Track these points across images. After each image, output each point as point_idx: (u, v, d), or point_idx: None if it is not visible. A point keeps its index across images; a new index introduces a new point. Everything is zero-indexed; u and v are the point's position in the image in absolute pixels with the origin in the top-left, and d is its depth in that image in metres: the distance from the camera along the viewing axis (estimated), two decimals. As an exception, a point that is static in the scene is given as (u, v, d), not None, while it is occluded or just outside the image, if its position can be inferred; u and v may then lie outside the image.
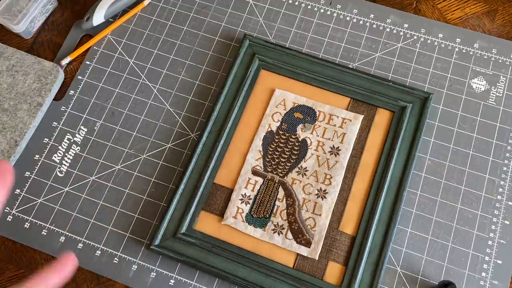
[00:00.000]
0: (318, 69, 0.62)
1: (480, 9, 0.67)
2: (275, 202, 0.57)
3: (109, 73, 0.65)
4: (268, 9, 0.67)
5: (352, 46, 0.65)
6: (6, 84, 0.63)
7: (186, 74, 0.65)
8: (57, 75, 0.64)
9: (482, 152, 0.59)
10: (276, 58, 0.62)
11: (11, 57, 0.65)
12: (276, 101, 0.61)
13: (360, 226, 0.55)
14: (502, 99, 0.61)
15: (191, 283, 0.55)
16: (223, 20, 0.67)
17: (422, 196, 0.57)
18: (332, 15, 0.67)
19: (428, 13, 0.67)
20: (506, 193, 0.57)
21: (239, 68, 0.62)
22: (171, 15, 0.68)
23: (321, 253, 0.55)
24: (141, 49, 0.66)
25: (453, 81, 0.62)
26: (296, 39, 0.66)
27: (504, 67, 0.63)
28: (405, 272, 0.55)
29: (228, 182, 0.58)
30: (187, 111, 0.63)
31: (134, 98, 0.64)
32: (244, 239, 0.56)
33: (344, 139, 0.59)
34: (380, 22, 0.66)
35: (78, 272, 0.56)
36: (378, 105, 0.60)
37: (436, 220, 0.56)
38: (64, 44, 0.68)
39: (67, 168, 0.61)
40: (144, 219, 0.58)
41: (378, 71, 0.63)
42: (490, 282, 0.54)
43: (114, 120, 0.63)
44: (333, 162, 0.58)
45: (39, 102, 0.62)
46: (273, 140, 0.59)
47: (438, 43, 0.64)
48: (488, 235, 0.55)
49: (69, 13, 0.70)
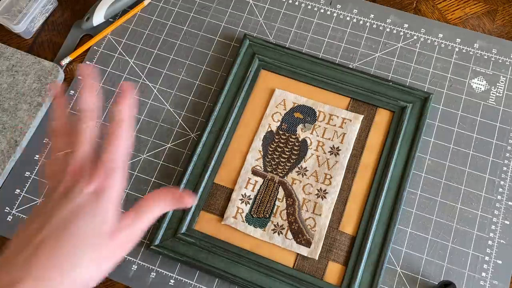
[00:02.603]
0: (318, 69, 0.62)
1: (480, 9, 0.67)
2: (275, 202, 0.57)
3: (109, 73, 0.65)
4: (268, 9, 0.67)
5: (352, 46, 0.65)
6: (6, 84, 0.63)
7: (186, 74, 0.65)
8: (57, 75, 0.64)
9: (482, 152, 0.59)
10: (276, 58, 0.62)
11: (11, 57, 0.65)
12: (276, 101, 0.61)
13: (360, 226, 0.55)
14: (502, 99, 0.61)
15: (191, 283, 0.55)
16: (223, 20, 0.67)
17: (422, 196, 0.57)
18: (332, 15, 0.67)
19: (428, 13, 0.67)
20: (506, 193, 0.57)
21: (239, 68, 0.62)
22: (171, 15, 0.68)
23: (321, 253, 0.55)
24: (141, 49, 0.66)
25: (453, 81, 0.62)
26: (296, 39, 0.66)
27: (504, 67, 0.63)
28: (405, 272, 0.55)
29: (228, 182, 0.58)
30: (187, 111, 0.63)
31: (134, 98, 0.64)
32: (244, 239, 0.56)
33: (344, 139, 0.59)
34: (380, 22, 0.66)
35: (78, 272, 0.56)
36: (378, 105, 0.60)
37: (436, 220, 0.56)
38: (64, 44, 0.68)
39: (67, 168, 0.60)
40: (144, 219, 0.58)
41: (378, 71, 0.63)
42: (490, 282, 0.54)
43: (114, 120, 0.63)
44: (333, 162, 0.58)
45: (39, 102, 0.62)
46: (273, 140, 0.59)
47: (438, 43, 0.64)
48: (488, 235, 0.55)
49: (69, 13, 0.70)
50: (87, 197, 0.34)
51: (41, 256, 0.32)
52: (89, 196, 0.35)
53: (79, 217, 0.34)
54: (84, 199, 0.34)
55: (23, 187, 0.60)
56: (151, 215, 0.37)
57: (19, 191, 0.60)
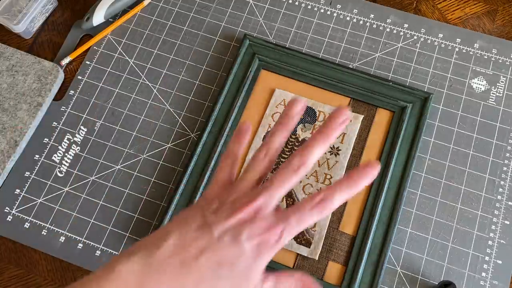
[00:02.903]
0: (318, 69, 0.62)
1: (480, 9, 0.67)
2: (275, 202, 0.57)
3: (109, 73, 0.65)
4: (268, 9, 0.67)
5: (352, 46, 0.65)
6: (6, 84, 0.63)
7: (186, 74, 0.65)
8: (57, 75, 0.64)
9: (482, 152, 0.59)
10: (276, 58, 0.62)
11: (11, 57, 0.65)
12: (276, 101, 0.61)
13: (360, 226, 0.55)
14: (502, 99, 0.61)
15: (191, 283, 0.55)
16: (223, 20, 0.67)
17: (422, 196, 0.57)
18: (332, 15, 0.67)
19: (428, 13, 0.67)
20: (506, 193, 0.57)
21: (239, 68, 0.62)
22: (171, 15, 0.68)
23: (321, 253, 0.54)
24: (141, 49, 0.66)
25: (453, 81, 0.62)
26: (296, 39, 0.66)
27: (504, 67, 0.63)
28: (405, 272, 0.55)
29: (228, 182, 0.58)
30: (187, 111, 0.63)
31: (134, 98, 0.64)
32: (244, 239, 0.55)
33: (344, 139, 0.59)
34: (380, 22, 0.66)
35: (77, 273, 0.56)
36: (378, 105, 0.60)
37: (436, 220, 0.56)
38: (64, 44, 0.68)
39: (67, 168, 0.61)
40: (144, 219, 0.58)
41: (378, 71, 0.63)
42: (490, 282, 0.54)
43: (114, 120, 0.63)
44: (333, 162, 0.58)
45: (39, 102, 0.62)
46: (273, 140, 0.59)
47: (438, 43, 0.64)
48: (488, 235, 0.55)
49: (69, 13, 0.70)
50: (250, 249, 0.30)
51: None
52: (253, 248, 0.30)
53: (225, 273, 0.29)
54: (246, 249, 0.30)
55: (23, 187, 0.60)
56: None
57: (19, 191, 0.60)
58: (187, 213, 0.32)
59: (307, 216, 0.32)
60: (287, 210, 0.32)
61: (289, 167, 0.33)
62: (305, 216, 0.32)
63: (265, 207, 0.31)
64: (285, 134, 0.35)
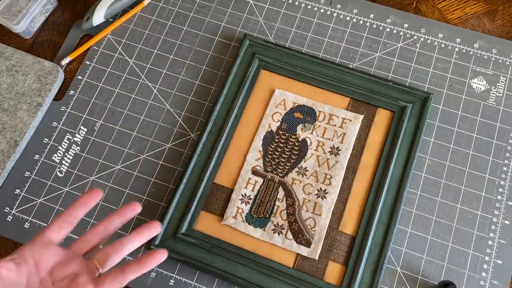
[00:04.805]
0: (318, 69, 0.62)
1: (480, 9, 0.67)
2: (275, 202, 0.57)
3: (109, 73, 0.65)
4: (268, 9, 0.67)
5: (352, 46, 0.65)
6: (6, 84, 0.63)
7: (186, 74, 0.65)
8: (57, 75, 0.64)
9: (482, 152, 0.59)
10: (276, 58, 0.62)
11: (11, 57, 0.65)
12: (276, 101, 0.61)
13: (360, 226, 0.55)
14: (502, 99, 0.61)
15: (191, 283, 0.55)
16: (223, 20, 0.67)
17: (422, 196, 0.57)
18: (332, 15, 0.67)
19: (428, 13, 0.67)
20: (506, 193, 0.57)
21: (239, 68, 0.62)
22: (171, 15, 0.68)
23: (321, 253, 0.54)
24: (141, 49, 0.66)
25: (453, 81, 0.62)
26: (296, 39, 0.66)
27: (504, 67, 0.63)
28: (405, 272, 0.55)
29: (228, 182, 0.58)
30: (187, 111, 0.63)
31: (134, 98, 0.64)
32: (244, 239, 0.56)
33: (344, 139, 0.59)
34: (380, 22, 0.66)
35: (78, 272, 0.56)
36: (378, 105, 0.60)
37: (436, 220, 0.56)
38: (64, 44, 0.68)
39: (67, 168, 0.61)
40: (144, 219, 0.58)
41: (378, 71, 0.63)
42: (490, 282, 0.54)
43: (114, 120, 0.63)
44: (333, 162, 0.58)
45: (39, 102, 0.62)
46: (273, 140, 0.59)
47: (438, 43, 0.64)
48: (488, 235, 0.55)
49: (69, 13, 0.70)
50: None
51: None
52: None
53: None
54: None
55: (23, 187, 0.60)
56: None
57: (19, 191, 0.60)
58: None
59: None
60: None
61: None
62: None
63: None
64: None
